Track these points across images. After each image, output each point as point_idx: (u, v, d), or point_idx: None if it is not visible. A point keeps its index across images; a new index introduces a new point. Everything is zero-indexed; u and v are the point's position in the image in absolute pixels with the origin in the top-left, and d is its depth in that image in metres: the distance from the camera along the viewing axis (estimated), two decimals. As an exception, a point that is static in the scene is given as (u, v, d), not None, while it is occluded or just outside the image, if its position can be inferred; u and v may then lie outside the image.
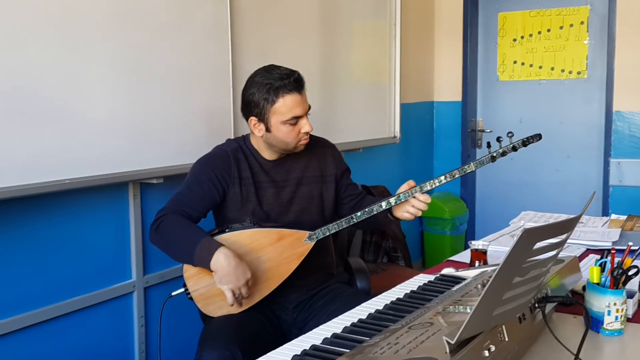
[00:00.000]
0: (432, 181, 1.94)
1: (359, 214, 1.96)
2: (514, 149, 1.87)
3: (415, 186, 1.95)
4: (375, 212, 1.96)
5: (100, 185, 2.24)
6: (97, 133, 2.16)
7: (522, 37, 4.70)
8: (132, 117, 2.28)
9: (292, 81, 1.95)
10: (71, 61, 2.07)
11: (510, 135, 1.88)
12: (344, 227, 1.98)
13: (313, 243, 1.98)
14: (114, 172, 2.22)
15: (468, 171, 1.91)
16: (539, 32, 4.64)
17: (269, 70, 1.98)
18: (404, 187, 1.98)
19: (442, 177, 1.92)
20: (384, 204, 1.96)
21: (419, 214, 1.96)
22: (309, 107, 2.02)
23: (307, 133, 2.00)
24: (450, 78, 4.89)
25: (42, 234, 2.16)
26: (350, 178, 2.25)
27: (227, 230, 1.96)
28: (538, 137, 1.87)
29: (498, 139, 1.87)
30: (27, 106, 1.95)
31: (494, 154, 1.88)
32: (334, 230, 1.99)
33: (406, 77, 4.28)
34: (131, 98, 2.28)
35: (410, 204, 1.95)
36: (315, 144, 2.16)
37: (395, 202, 1.95)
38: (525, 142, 1.86)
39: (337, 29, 3.48)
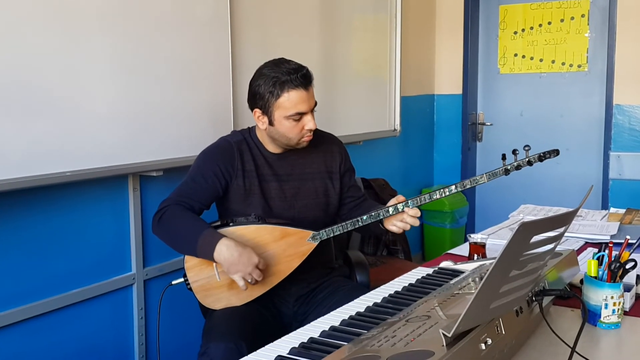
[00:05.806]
0: (441, 190, 1.90)
1: (365, 217, 1.95)
2: (530, 163, 1.81)
3: (407, 200, 1.93)
4: (382, 217, 1.95)
5: (100, 178, 2.24)
6: (97, 125, 2.17)
7: (523, 30, 4.69)
8: (131, 109, 2.28)
9: (299, 76, 1.93)
10: (71, 53, 2.07)
11: (527, 148, 1.82)
12: (348, 229, 1.96)
13: (316, 243, 1.98)
14: (114, 165, 2.22)
15: (480, 182, 1.86)
16: (540, 25, 4.63)
17: (278, 64, 1.97)
18: (397, 200, 1.96)
19: (453, 187, 1.89)
20: (390, 209, 1.94)
21: (408, 227, 1.96)
22: (315, 104, 2.00)
23: (310, 130, 1.99)
24: (451, 71, 4.88)
25: (42, 226, 2.17)
26: (355, 180, 2.24)
27: (231, 224, 1.96)
28: (555, 152, 1.81)
29: (514, 152, 1.82)
30: (26, 98, 1.95)
31: (509, 167, 1.83)
32: (338, 232, 1.97)
33: (407, 70, 4.27)
34: (131, 90, 2.28)
35: (400, 217, 1.95)
36: (322, 139, 2.16)
37: (402, 208, 1.93)
38: (542, 157, 1.81)
39: (337, 22, 3.48)
